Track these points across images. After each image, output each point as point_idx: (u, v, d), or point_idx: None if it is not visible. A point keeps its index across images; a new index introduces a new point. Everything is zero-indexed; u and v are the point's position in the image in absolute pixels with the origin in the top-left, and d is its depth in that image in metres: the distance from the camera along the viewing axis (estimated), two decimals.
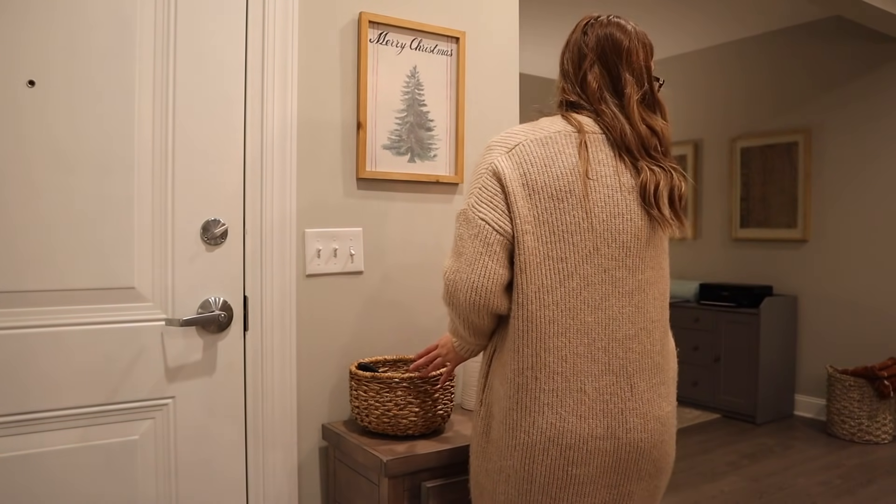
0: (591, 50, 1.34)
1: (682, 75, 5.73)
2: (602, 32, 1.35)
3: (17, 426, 1.40)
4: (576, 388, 1.24)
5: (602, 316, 1.25)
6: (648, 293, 1.29)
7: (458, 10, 1.95)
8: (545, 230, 1.24)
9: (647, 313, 1.29)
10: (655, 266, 1.31)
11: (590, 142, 1.29)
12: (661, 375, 1.31)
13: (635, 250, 1.28)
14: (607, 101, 1.32)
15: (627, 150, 1.30)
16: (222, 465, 1.62)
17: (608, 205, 1.26)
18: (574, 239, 1.24)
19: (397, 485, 1.49)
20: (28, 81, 1.40)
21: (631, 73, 1.34)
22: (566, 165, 1.26)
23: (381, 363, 1.77)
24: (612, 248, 1.26)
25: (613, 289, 1.26)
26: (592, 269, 1.25)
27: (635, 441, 1.27)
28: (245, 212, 1.64)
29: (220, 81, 1.60)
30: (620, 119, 1.31)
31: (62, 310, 1.44)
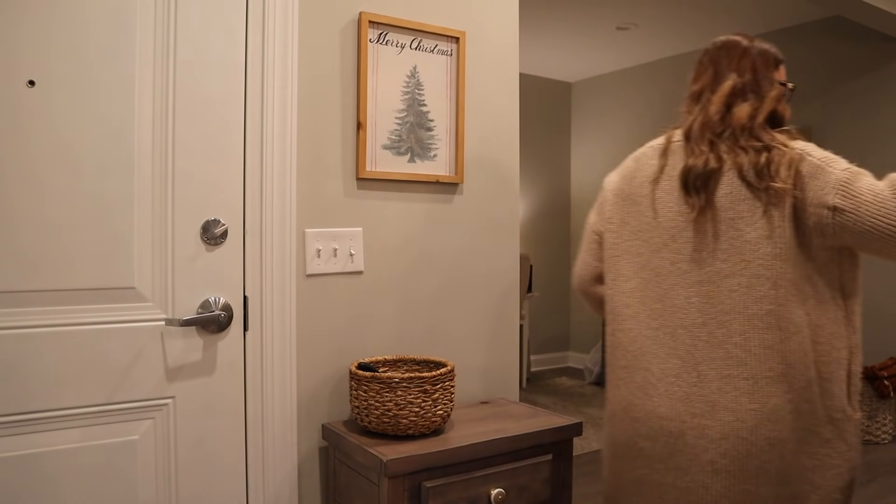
0: (706, 55, 1.48)
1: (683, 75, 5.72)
2: (719, 40, 1.47)
3: (17, 426, 1.40)
4: (643, 366, 1.38)
5: (669, 304, 1.36)
6: (721, 285, 1.29)
7: (458, 10, 1.95)
8: (625, 229, 1.45)
9: (720, 304, 1.29)
10: (730, 259, 1.29)
11: (672, 150, 1.42)
12: (742, 369, 1.27)
13: (700, 244, 1.32)
14: (700, 99, 1.43)
15: (695, 141, 1.36)
16: (222, 464, 1.62)
17: (675, 203, 1.37)
18: (646, 236, 1.41)
19: (397, 485, 1.49)
20: (28, 81, 1.40)
21: (736, 70, 1.40)
22: (646, 174, 1.44)
23: (381, 363, 1.77)
24: (678, 242, 1.36)
25: (681, 280, 1.35)
26: (661, 262, 1.38)
27: (700, 427, 1.29)
28: (245, 212, 1.64)
29: (220, 81, 1.60)
30: (695, 112, 1.41)
31: (62, 310, 1.45)
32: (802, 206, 1.26)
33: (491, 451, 1.59)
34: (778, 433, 1.25)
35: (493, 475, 1.59)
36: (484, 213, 2.02)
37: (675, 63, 5.79)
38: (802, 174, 1.26)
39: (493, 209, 2.04)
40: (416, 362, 1.80)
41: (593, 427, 4.55)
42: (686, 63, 1.60)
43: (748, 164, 1.29)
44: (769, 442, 1.25)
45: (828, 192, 1.23)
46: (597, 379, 5.87)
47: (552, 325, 6.61)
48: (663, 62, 5.90)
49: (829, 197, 1.23)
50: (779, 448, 1.26)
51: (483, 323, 2.02)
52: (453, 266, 1.97)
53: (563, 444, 1.72)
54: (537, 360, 6.46)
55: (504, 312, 2.07)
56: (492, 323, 2.04)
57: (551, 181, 6.62)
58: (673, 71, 5.81)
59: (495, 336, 2.05)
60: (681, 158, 1.37)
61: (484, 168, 2.01)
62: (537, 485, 1.66)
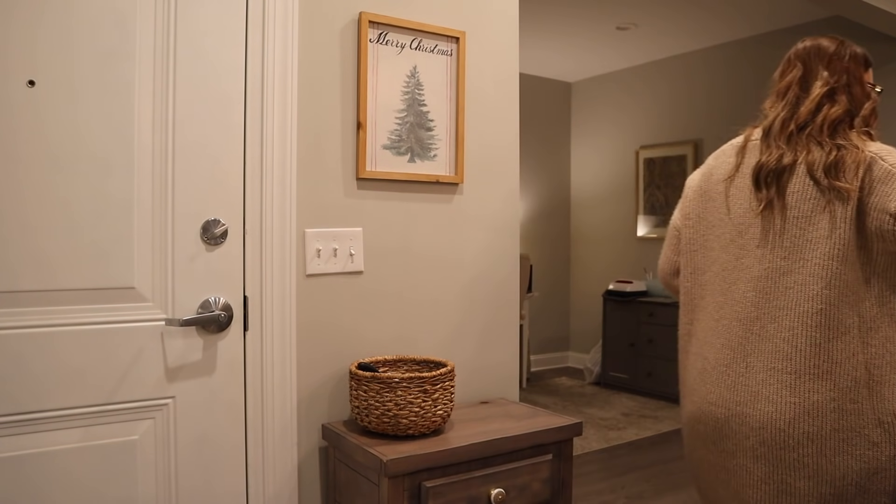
0: (796, 54, 1.50)
1: (683, 75, 5.72)
2: (809, 40, 1.50)
3: (17, 426, 1.40)
4: (703, 355, 1.45)
5: (729, 298, 1.41)
6: (778, 282, 1.33)
7: (458, 10, 1.95)
8: (702, 225, 1.51)
9: (775, 300, 1.33)
10: (789, 257, 1.32)
11: (749, 148, 1.45)
12: (787, 363, 1.30)
13: (764, 240, 1.36)
14: (786, 96, 1.45)
15: (773, 137, 1.40)
16: (222, 464, 1.62)
17: (746, 199, 1.41)
18: (718, 231, 1.47)
19: (397, 485, 1.49)
20: (28, 81, 1.40)
21: (827, 69, 1.43)
22: (723, 172, 1.49)
23: (381, 363, 1.77)
24: (744, 238, 1.41)
25: (742, 275, 1.40)
26: (728, 257, 1.43)
27: (742, 415, 1.35)
28: (245, 212, 1.64)
29: (219, 81, 1.60)
30: (778, 108, 1.44)
31: (61, 310, 1.44)
32: (866, 209, 1.27)
33: (491, 451, 1.59)
34: (817, 429, 1.27)
35: (492, 475, 1.59)
36: (484, 213, 2.02)
37: (675, 63, 5.79)
38: (871, 177, 1.27)
39: (493, 209, 2.04)
40: (416, 362, 1.80)
41: (593, 427, 4.55)
42: (687, 62, 1.62)
43: (818, 161, 1.31)
44: (807, 436, 1.28)
45: (893, 198, 1.24)
46: (596, 379, 5.87)
47: (552, 325, 6.61)
48: (663, 62, 5.90)
49: (893, 204, 1.23)
50: (818, 444, 1.27)
51: (483, 323, 2.02)
52: (453, 266, 1.97)
53: (562, 444, 1.72)
54: (537, 360, 6.46)
55: (504, 312, 2.07)
56: (492, 323, 2.04)
57: (551, 181, 6.62)
58: (673, 71, 5.81)
59: (495, 336, 2.05)
60: (755, 156, 1.41)
61: (484, 168, 2.01)
62: (537, 485, 1.66)
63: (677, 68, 5.76)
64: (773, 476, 1.32)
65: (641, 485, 3.59)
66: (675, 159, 5.76)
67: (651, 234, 5.97)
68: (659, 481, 3.64)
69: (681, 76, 5.73)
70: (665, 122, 5.89)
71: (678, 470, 3.79)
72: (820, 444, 1.27)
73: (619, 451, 4.10)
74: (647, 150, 6.02)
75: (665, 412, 4.95)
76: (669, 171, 5.81)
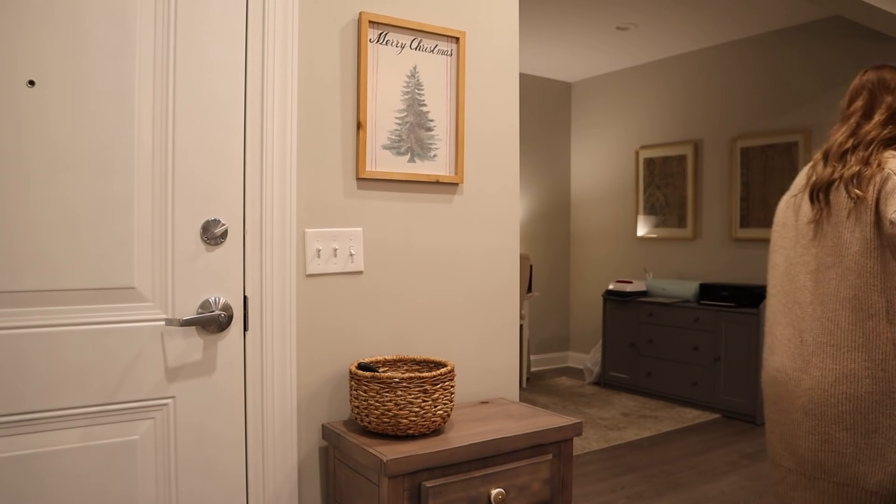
0: (861, 82, 1.80)
1: (683, 75, 5.72)
2: (874, 71, 1.81)
3: (17, 426, 1.40)
4: (773, 332, 1.78)
5: (792, 287, 1.74)
6: (825, 274, 1.65)
7: (458, 10, 1.95)
8: (781, 230, 1.83)
9: (822, 288, 1.65)
10: (831, 252, 1.64)
11: (817, 165, 1.75)
12: (830, 338, 1.62)
13: (814, 239, 1.69)
14: (849, 121, 1.74)
15: (832, 157, 1.70)
16: (222, 464, 1.62)
17: (807, 210, 1.72)
18: (790, 233, 1.78)
19: (397, 484, 1.49)
20: (28, 81, 1.40)
21: (892, 95, 1.72)
22: (797, 187, 1.81)
23: (381, 363, 1.77)
24: (805, 240, 1.72)
25: (801, 269, 1.72)
26: (794, 254, 1.75)
27: (797, 379, 1.68)
28: (245, 212, 1.64)
29: (220, 81, 1.60)
30: (839, 133, 1.73)
31: (62, 310, 1.45)
32: (879, 215, 1.56)
33: (491, 451, 1.60)
34: (854, 390, 1.58)
35: (492, 475, 1.59)
36: (484, 213, 2.02)
37: (675, 63, 5.79)
38: (885, 190, 1.55)
39: (493, 209, 2.04)
40: (415, 362, 1.80)
41: (593, 427, 4.55)
42: (687, 62, 1.64)
43: (849, 175, 1.62)
44: (846, 396, 1.59)
45: (892, 206, 1.52)
46: (596, 379, 5.87)
47: (552, 324, 6.61)
48: (663, 62, 5.90)
49: (891, 209, 1.52)
50: (854, 402, 1.58)
51: (483, 323, 2.02)
52: (453, 266, 1.97)
53: (563, 443, 1.72)
54: (537, 359, 6.46)
55: (504, 312, 2.07)
56: (492, 323, 2.04)
57: (551, 181, 6.62)
58: (673, 71, 5.81)
59: (495, 336, 2.05)
60: (817, 174, 1.72)
61: (484, 168, 2.02)
62: (537, 485, 1.66)
63: (677, 68, 5.76)
64: (818, 428, 1.63)
65: (641, 485, 3.59)
66: (675, 159, 5.76)
67: (651, 234, 5.97)
68: (659, 481, 3.64)
69: (681, 76, 5.73)
70: (665, 122, 5.89)
71: (678, 470, 3.79)
72: (856, 403, 1.58)
73: (619, 451, 4.11)
74: (647, 150, 6.02)
75: (665, 412, 4.95)
76: (669, 171, 5.81)
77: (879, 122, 1.68)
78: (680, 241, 5.75)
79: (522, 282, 5.42)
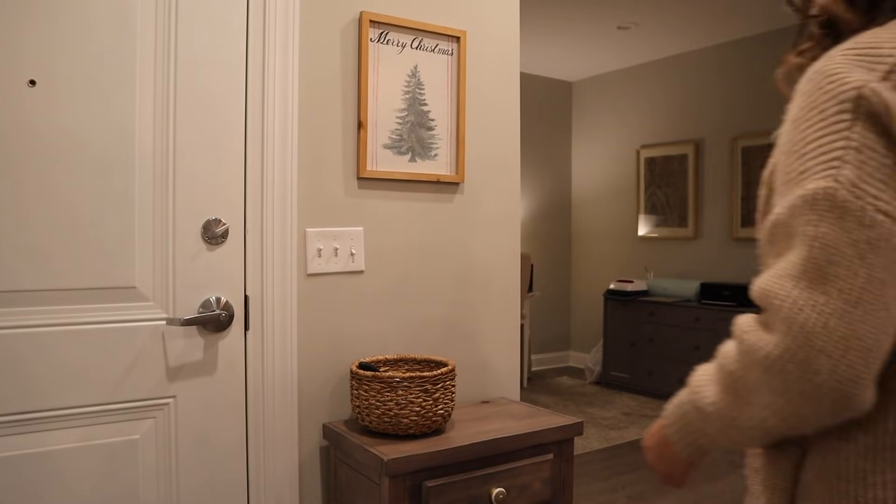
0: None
1: (684, 74, 5.72)
2: None
3: (18, 426, 1.40)
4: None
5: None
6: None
7: (458, 10, 1.95)
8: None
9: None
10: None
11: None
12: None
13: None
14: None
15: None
16: (223, 464, 1.62)
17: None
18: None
19: (398, 484, 1.49)
20: (29, 81, 1.40)
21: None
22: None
23: (382, 362, 1.77)
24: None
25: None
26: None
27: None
28: (246, 211, 1.64)
29: (220, 80, 1.60)
30: None
31: (63, 309, 1.45)
32: None
33: (492, 451, 1.59)
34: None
35: (493, 475, 1.59)
36: (485, 213, 2.02)
37: (676, 62, 5.78)
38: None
39: (494, 208, 2.04)
40: (416, 362, 1.80)
41: (594, 427, 4.55)
42: (687, 62, 1.59)
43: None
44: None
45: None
46: (597, 378, 5.87)
47: (553, 324, 6.61)
48: (664, 61, 5.89)
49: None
50: None
51: (484, 322, 2.02)
52: (454, 265, 1.97)
53: (563, 443, 1.72)
54: (538, 359, 6.46)
55: (505, 312, 2.07)
56: (493, 322, 2.04)
57: (552, 180, 6.62)
58: (674, 70, 5.81)
59: (496, 335, 2.05)
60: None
61: (485, 167, 2.01)
62: (538, 484, 1.66)
63: (678, 68, 5.76)
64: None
65: (642, 484, 3.59)
66: (676, 158, 5.76)
67: (652, 234, 5.97)
68: None
69: (681, 75, 5.72)
70: (666, 121, 5.89)
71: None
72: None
73: (620, 451, 4.10)
74: (647, 149, 6.01)
75: None
76: (670, 171, 5.80)
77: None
78: (681, 240, 5.74)
79: (523, 281, 5.42)
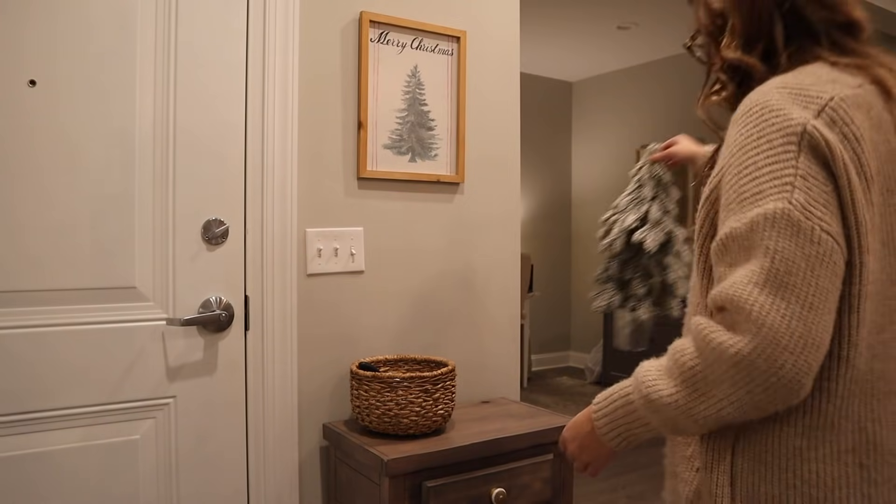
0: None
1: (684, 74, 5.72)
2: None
3: (18, 425, 1.40)
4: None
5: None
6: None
7: (459, 10, 1.95)
8: (880, 243, 0.87)
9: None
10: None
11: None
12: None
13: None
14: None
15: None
16: (223, 463, 1.62)
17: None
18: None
19: (398, 484, 1.49)
20: (29, 81, 1.40)
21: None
22: (893, 141, 0.91)
23: (382, 363, 1.77)
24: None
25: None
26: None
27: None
28: (246, 211, 1.64)
29: (220, 80, 1.60)
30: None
31: (63, 309, 1.45)
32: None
33: (492, 451, 1.59)
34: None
35: (494, 475, 1.59)
36: (485, 213, 2.02)
37: (675, 62, 5.78)
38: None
39: (494, 209, 2.04)
40: (416, 362, 1.80)
41: None
42: (687, 62, 1.58)
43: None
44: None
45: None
46: (598, 378, 5.87)
47: (553, 324, 6.61)
48: (664, 62, 5.89)
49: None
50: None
51: (484, 322, 2.02)
52: (454, 265, 1.97)
53: None
54: (538, 359, 6.46)
55: (505, 312, 2.07)
56: (493, 322, 2.04)
57: (552, 181, 6.62)
58: (674, 70, 5.80)
59: (496, 336, 2.05)
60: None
61: (485, 168, 2.01)
62: (538, 484, 1.66)
63: (678, 68, 5.76)
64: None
65: (642, 484, 3.59)
66: None
67: None
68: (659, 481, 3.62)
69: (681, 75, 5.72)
70: (666, 121, 5.88)
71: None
72: None
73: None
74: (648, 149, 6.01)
75: None
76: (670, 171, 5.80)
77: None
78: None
79: (523, 281, 5.41)
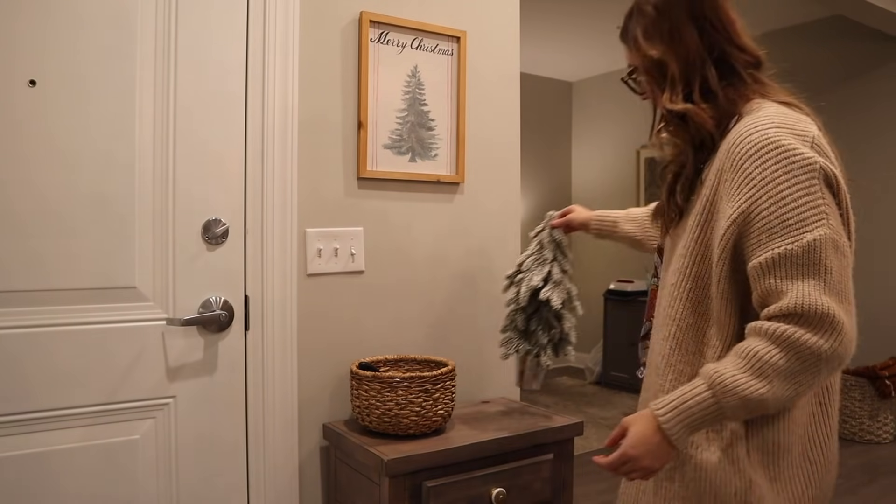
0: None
1: None
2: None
3: (18, 425, 1.40)
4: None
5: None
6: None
7: (458, 10, 1.95)
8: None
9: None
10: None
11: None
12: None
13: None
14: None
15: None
16: (223, 464, 1.62)
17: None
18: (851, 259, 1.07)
19: (398, 484, 1.49)
20: (29, 81, 1.40)
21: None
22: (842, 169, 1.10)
23: (382, 362, 1.77)
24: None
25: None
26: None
27: None
28: (246, 211, 1.64)
29: (220, 81, 1.60)
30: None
31: (63, 309, 1.44)
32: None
33: (492, 451, 1.60)
34: None
35: (493, 475, 1.59)
36: (485, 213, 2.02)
37: None
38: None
39: (494, 208, 2.04)
40: (416, 362, 1.80)
41: (594, 427, 4.55)
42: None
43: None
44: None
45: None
46: (597, 378, 5.87)
47: None
48: None
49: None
50: None
51: (484, 322, 2.02)
52: (454, 265, 1.97)
53: (563, 443, 1.72)
54: None
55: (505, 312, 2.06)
56: (493, 322, 2.04)
57: (552, 181, 6.62)
58: None
59: (496, 335, 2.05)
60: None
61: (485, 167, 2.01)
62: (538, 484, 1.66)
63: None
64: None
65: None
66: None
67: None
68: None
69: None
70: None
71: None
72: None
73: None
74: (648, 149, 6.01)
75: None
76: None
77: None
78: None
79: None
